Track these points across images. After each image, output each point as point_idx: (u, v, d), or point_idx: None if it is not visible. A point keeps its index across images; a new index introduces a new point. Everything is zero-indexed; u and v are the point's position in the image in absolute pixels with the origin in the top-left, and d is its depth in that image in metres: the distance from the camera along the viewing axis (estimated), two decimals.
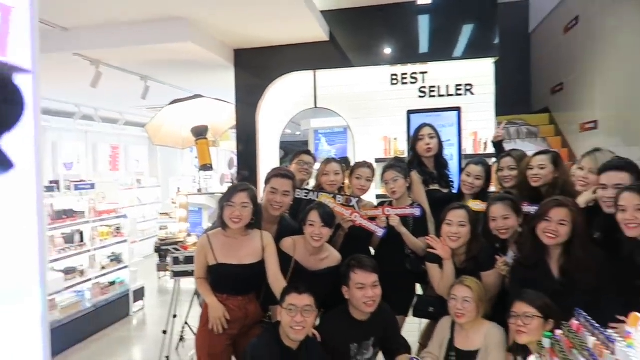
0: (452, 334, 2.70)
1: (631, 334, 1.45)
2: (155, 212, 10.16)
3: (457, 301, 2.61)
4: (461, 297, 2.60)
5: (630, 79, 5.11)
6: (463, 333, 2.67)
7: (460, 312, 2.59)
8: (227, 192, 2.79)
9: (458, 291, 2.63)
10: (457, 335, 2.68)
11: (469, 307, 2.58)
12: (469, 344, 2.63)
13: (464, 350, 2.63)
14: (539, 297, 2.32)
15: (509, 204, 2.80)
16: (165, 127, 5.80)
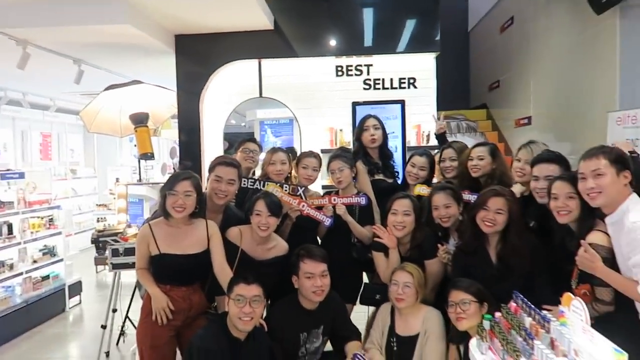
0: (392, 321, 2.77)
1: (564, 313, 1.54)
2: (92, 204, 9.69)
3: (398, 286, 2.68)
4: (402, 283, 2.67)
5: (561, 78, 5.43)
6: (402, 319, 2.74)
7: (401, 296, 2.67)
8: (169, 180, 2.70)
9: (399, 277, 2.70)
10: (397, 322, 2.76)
11: (409, 292, 2.66)
12: (409, 329, 2.71)
13: (404, 335, 2.71)
14: (472, 283, 2.46)
15: (450, 193, 2.90)
16: (101, 114, 5.52)
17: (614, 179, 2.02)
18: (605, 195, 2.03)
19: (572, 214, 2.25)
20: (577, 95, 5.10)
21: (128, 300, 4.51)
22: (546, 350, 1.48)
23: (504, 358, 1.71)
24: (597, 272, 2.03)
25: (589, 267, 2.05)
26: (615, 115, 3.96)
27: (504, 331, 1.79)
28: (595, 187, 2.04)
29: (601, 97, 4.61)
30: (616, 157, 2.05)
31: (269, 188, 3.13)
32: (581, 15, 4.86)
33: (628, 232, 1.92)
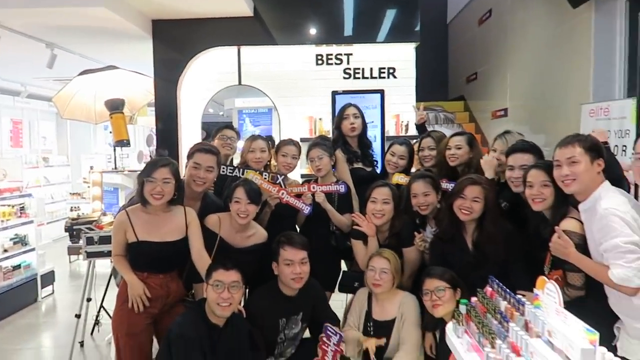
0: (369, 306, 2.80)
1: (538, 296, 1.57)
2: (65, 193, 9.47)
3: (375, 272, 2.71)
4: (379, 268, 2.70)
5: (537, 71, 5.52)
6: (379, 304, 2.78)
7: (378, 282, 2.70)
8: (146, 167, 2.65)
9: (376, 262, 2.73)
10: (374, 307, 2.79)
11: (386, 277, 2.69)
12: (385, 314, 2.75)
13: (381, 320, 2.75)
14: (445, 271, 2.52)
15: (429, 181, 2.93)
16: (75, 99, 5.38)
17: (587, 167, 2.06)
18: (579, 182, 2.08)
19: (547, 201, 2.30)
20: (552, 87, 5.20)
21: (102, 290, 4.44)
22: (520, 332, 1.51)
23: (479, 341, 1.74)
24: (569, 258, 2.08)
25: (562, 252, 2.10)
26: (589, 108, 4.05)
27: (480, 315, 1.82)
28: (569, 174, 2.08)
29: (575, 89, 4.70)
30: (591, 145, 2.09)
31: (248, 175, 3.11)
32: (557, 9, 4.94)
33: (600, 218, 1.97)
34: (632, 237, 1.89)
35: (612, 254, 1.92)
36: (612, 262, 1.92)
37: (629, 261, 1.87)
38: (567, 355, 1.30)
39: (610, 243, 1.92)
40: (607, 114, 3.81)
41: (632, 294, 1.93)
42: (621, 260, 1.89)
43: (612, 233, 1.91)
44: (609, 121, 3.76)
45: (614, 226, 1.91)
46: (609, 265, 1.94)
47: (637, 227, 1.92)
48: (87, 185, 7.71)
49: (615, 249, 1.90)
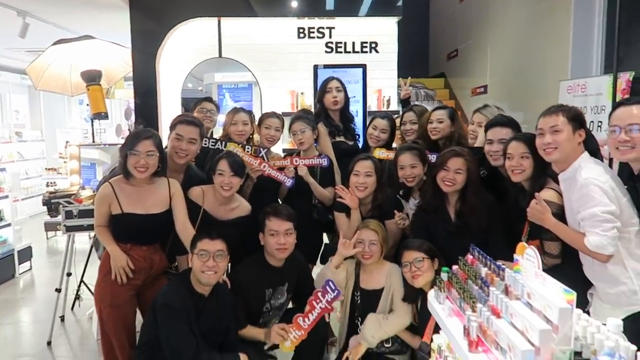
0: (357, 276, 2.84)
1: (518, 260, 1.62)
2: (40, 168, 9.25)
3: (364, 244, 2.74)
4: (368, 241, 2.74)
5: (517, 48, 5.57)
6: (367, 273, 2.83)
7: (367, 254, 2.73)
8: (129, 140, 2.61)
9: (364, 235, 2.76)
10: (362, 276, 2.84)
11: (375, 249, 2.73)
12: (373, 284, 2.80)
13: (368, 289, 2.80)
14: (423, 242, 2.59)
15: (416, 153, 2.96)
16: (50, 70, 5.21)
17: (569, 136, 2.11)
18: (560, 151, 2.12)
19: (526, 172, 2.35)
20: (531, 64, 5.26)
21: (82, 266, 4.40)
22: (501, 296, 1.56)
23: (460, 306, 1.79)
24: (546, 224, 2.14)
25: (539, 218, 2.16)
26: (566, 84, 4.12)
27: (461, 281, 1.87)
28: (551, 142, 2.13)
29: (554, 66, 4.77)
30: (574, 115, 2.14)
31: (230, 148, 3.10)
32: None
33: (580, 187, 2.03)
34: (609, 206, 1.96)
35: (589, 222, 1.98)
36: (589, 230, 1.98)
37: (605, 230, 1.94)
38: (545, 315, 1.35)
39: (589, 212, 1.98)
40: (584, 91, 3.89)
41: (605, 261, 2.01)
42: (598, 229, 1.95)
43: (591, 202, 1.98)
44: (586, 97, 3.84)
45: (593, 195, 1.97)
46: (585, 232, 2.00)
47: (614, 197, 1.98)
48: (64, 160, 7.54)
49: (593, 217, 1.97)
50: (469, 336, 1.58)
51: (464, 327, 1.63)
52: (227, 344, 2.52)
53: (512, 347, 1.34)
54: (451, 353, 1.87)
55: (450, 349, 1.88)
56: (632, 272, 1.99)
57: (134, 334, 2.69)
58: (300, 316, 2.58)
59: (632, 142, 1.97)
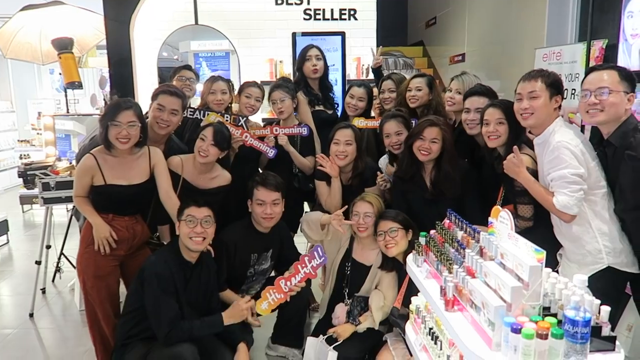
0: (351, 246, 2.89)
1: (492, 223, 1.69)
2: (12, 141, 9.01)
3: (359, 217, 2.75)
4: (363, 213, 2.74)
5: (494, 16, 5.57)
6: (360, 246, 2.87)
7: (362, 226, 2.74)
8: (109, 110, 2.56)
9: (359, 207, 2.76)
10: (355, 247, 2.89)
11: (370, 221, 2.73)
12: (365, 258, 2.85)
13: (360, 262, 2.85)
14: (398, 213, 2.66)
15: (401, 121, 2.99)
16: (19, 37, 5.02)
17: (546, 102, 2.17)
18: (536, 117, 2.19)
19: (501, 138, 2.41)
20: (508, 33, 5.28)
21: (61, 239, 4.37)
22: (475, 257, 1.63)
23: (438, 268, 1.87)
24: (520, 177, 2.22)
25: (513, 171, 2.23)
26: (542, 52, 4.17)
27: (438, 245, 1.95)
28: (528, 107, 2.19)
29: (530, 35, 4.80)
30: (552, 81, 2.19)
31: (210, 117, 3.08)
32: None
33: (552, 150, 2.11)
34: (578, 169, 2.04)
35: (558, 183, 2.07)
36: (557, 190, 2.08)
37: (573, 191, 2.04)
38: (517, 274, 1.43)
39: (558, 173, 2.07)
40: (559, 59, 3.94)
41: (568, 221, 2.11)
42: (566, 190, 2.05)
43: (561, 164, 2.06)
44: (561, 65, 3.90)
45: (563, 158, 2.06)
46: (554, 192, 2.09)
47: (583, 160, 2.07)
48: (37, 132, 7.35)
49: (562, 178, 2.06)
50: (446, 296, 1.66)
51: (441, 288, 1.71)
52: (211, 311, 2.57)
53: (485, 304, 1.42)
54: (429, 313, 1.96)
55: (428, 309, 1.96)
56: (597, 232, 2.10)
57: (118, 303, 2.73)
58: (282, 279, 2.61)
59: (601, 105, 2.04)
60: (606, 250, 2.09)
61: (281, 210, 2.80)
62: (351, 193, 2.97)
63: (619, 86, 2.03)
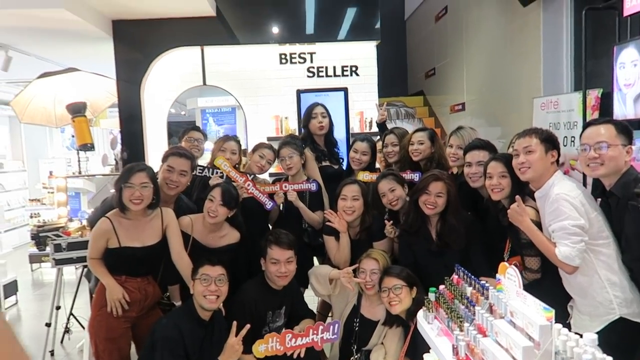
0: (359, 302, 2.89)
1: (501, 280, 1.72)
2: (23, 199, 9.16)
3: (365, 274, 2.77)
4: (369, 270, 2.77)
5: (492, 66, 5.77)
6: (368, 302, 2.87)
7: (370, 284, 2.75)
8: (123, 173, 2.67)
9: (366, 264, 2.79)
10: (364, 303, 2.88)
11: (377, 278, 2.74)
12: (373, 314, 2.84)
13: (368, 318, 2.84)
14: (402, 269, 2.67)
15: (392, 178, 3.08)
16: (34, 103, 5.24)
17: (542, 156, 2.26)
18: (533, 170, 2.27)
19: (505, 191, 2.47)
20: (506, 82, 5.45)
21: (70, 298, 4.37)
22: (486, 314, 1.65)
23: (448, 325, 1.88)
24: (523, 226, 2.26)
25: (517, 220, 2.28)
26: (540, 101, 4.30)
27: (448, 301, 1.96)
28: (525, 162, 2.27)
29: (527, 84, 4.96)
30: (546, 137, 2.29)
31: (218, 160, 3.19)
32: (509, 7, 5.18)
33: (552, 202, 2.16)
34: (579, 220, 2.09)
35: (559, 234, 2.11)
36: (559, 241, 2.12)
37: (574, 242, 2.08)
38: (527, 333, 1.45)
39: (559, 224, 2.11)
40: (556, 107, 4.06)
41: (571, 272, 2.14)
42: (567, 241, 2.08)
43: (561, 216, 2.11)
44: (559, 114, 4.01)
45: (563, 210, 2.11)
46: (556, 243, 2.13)
47: (584, 212, 2.11)
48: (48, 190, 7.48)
49: (563, 229, 2.10)
50: (458, 355, 1.66)
51: (453, 346, 1.72)
52: None
53: None
54: None
55: None
56: (606, 282, 2.11)
57: None
58: (290, 333, 2.55)
59: (600, 159, 2.11)
60: (617, 301, 2.09)
61: (295, 268, 2.82)
62: (360, 247, 3.01)
63: (616, 140, 2.10)
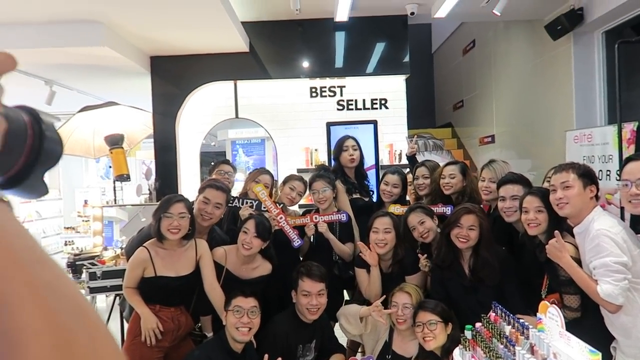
0: (390, 338, 2.84)
1: (542, 319, 1.68)
2: (57, 227, 9.41)
3: (397, 308, 2.72)
4: (401, 304, 2.72)
5: (522, 99, 5.76)
6: (400, 337, 2.81)
7: (401, 318, 2.70)
8: (162, 203, 2.75)
9: (399, 298, 2.74)
10: (395, 339, 2.82)
11: (409, 313, 2.69)
12: (405, 350, 2.77)
13: (400, 354, 2.78)
14: (437, 304, 2.60)
15: (420, 210, 3.07)
16: (74, 135, 5.46)
17: (580, 191, 2.22)
18: (572, 206, 2.22)
19: (541, 226, 2.43)
20: (537, 115, 5.43)
21: None
22: (527, 355, 1.61)
23: None
24: (562, 262, 2.21)
25: (556, 256, 2.22)
26: (573, 134, 4.25)
27: (486, 339, 1.92)
28: (563, 197, 2.24)
29: (559, 116, 4.92)
30: (584, 172, 2.26)
31: (257, 187, 3.23)
32: (539, 41, 5.20)
33: (592, 238, 2.11)
34: (621, 257, 2.03)
35: (601, 271, 2.05)
36: (601, 279, 2.06)
37: (617, 280, 2.01)
38: None
39: (600, 261, 2.06)
40: (590, 140, 4.01)
41: (613, 311, 2.06)
42: (610, 278, 2.02)
43: (603, 252, 2.06)
44: (593, 147, 3.95)
45: (605, 246, 2.06)
46: (597, 280, 2.07)
47: (626, 249, 2.06)
48: (82, 219, 7.68)
49: (604, 266, 2.04)
50: None
51: None
52: None
53: None
54: None
55: None
56: None
57: None
58: None
59: None
60: None
61: (326, 301, 2.81)
62: (391, 281, 2.97)
63: None
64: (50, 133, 0.49)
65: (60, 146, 0.51)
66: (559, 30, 4.61)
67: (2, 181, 0.46)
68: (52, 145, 0.49)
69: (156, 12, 4.17)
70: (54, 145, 0.49)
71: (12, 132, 0.44)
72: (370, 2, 4.93)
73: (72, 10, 4.02)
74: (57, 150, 0.50)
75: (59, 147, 0.50)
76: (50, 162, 0.49)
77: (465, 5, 4.63)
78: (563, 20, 4.51)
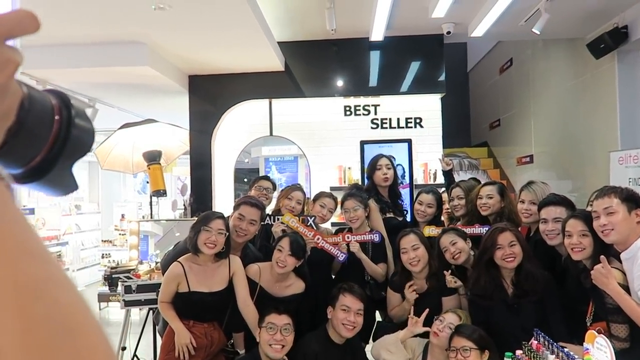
0: (425, 355, 2.77)
1: (589, 350, 1.60)
2: (95, 240, 9.69)
3: (442, 323, 2.63)
4: (447, 322, 2.63)
5: (563, 118, 5.61)
6: (435, 356, 2.75)
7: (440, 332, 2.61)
8: (202, 218, 2.79)
9: (447, 316, 2.67)
10: (430, 357, 2.76)
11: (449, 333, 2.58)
12: None
13: None
14: (474, 330, 2.50)
15: (453, 232, 3.00)
16: (115, 151, 5.64)
17: (625, 216, 2.11)
18: (618, 232, 2.12)
19: (586, 250, 2.32)
20: (578, 135, 5.27)
21: (135, 337, 4.48)
22: None
23: None
24: (609, 289, 2.09)
25: (602, 282, 2.11)
26: (617, 155, 4.10)
27: None
28: (607, 224, 2.13)
29: (602, 137, 4.76)
30: (627, 196, 2.15)
31: (286, 217, 3.21)
32: (580, 59, 5.08)
33: None
34: None
35: None
36: None
37: None
38: None
39: None
40: (636, 162, 3.86)
41: None
42: None
43: None
44: (639, 169, 3.80)
45: None
46: None
47: None
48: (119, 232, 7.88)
49: None
50: None
51: None
52: None
53: None
54: None
55: None
56: None
57: None
58: None
59: None
60: None
61: (362, 322, 2.76)
62: (426, 300, 2.89)
63: None
64: (81, 121, 0.43)
65: (92, 136, 0.45)
66: (602, 48, 4.49)
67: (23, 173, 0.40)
68: (81, 134, 0.43)
69: (197, 33, 4.30)
70: (84, 134, 0.43)
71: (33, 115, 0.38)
72: (406, 21, 4.93)
73: (118, 32, 4.20)
74: (86, 141, 0.44)
75: (89, 137, 0.44)
76: (78, 154, 0.43)
77: (502, 25, 4.57)
78: (607, 39, 4.39)
